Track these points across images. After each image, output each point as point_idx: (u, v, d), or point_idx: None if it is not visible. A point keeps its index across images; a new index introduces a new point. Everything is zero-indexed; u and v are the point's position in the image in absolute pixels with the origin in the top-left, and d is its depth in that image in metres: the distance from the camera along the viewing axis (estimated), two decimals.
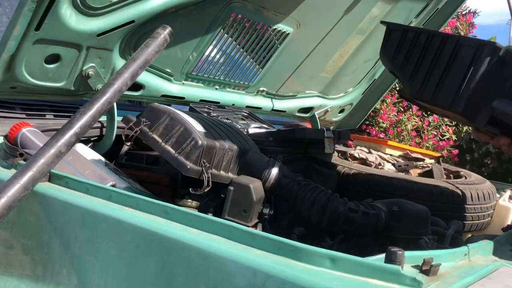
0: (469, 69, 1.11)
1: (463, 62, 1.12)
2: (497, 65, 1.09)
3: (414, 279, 0.68)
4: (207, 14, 1.63)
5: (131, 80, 1.25)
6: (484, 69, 1.09)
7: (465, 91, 1.11)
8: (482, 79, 1.09)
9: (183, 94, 1.87)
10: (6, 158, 1.23)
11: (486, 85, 1.09)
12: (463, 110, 1.11)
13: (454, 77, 1.13)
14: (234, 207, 1.20)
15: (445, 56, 1.16)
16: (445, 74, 1.16)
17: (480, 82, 1.09)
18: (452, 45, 1.15)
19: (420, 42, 1.23)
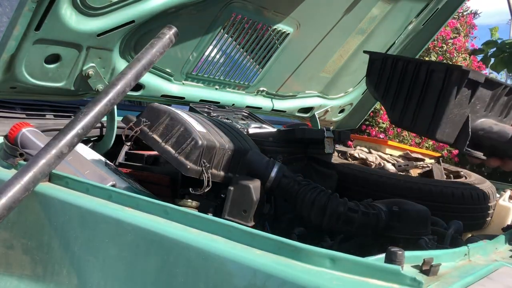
0: (440, 95, 1.11)
1: (435, 87, 1.12)
2: (469, 88, 1.09)
3: (414, 279, 0.68)
4: (207, 14, 1.63)
5: (135, 81, 1.25)
6: (456, 93, 1.08)
7: (439, 117, 1.10)
8: (457, 103, 1.09)
9: (183, 94, 1.87)
10: (6, 158, 1.23)
11: (461, 109, 1.09)
12: (440, 136, 1.11)
13: (429, 104, 1.13)
14: (234, 207, 1.20)
15: (420, 82, 1.17)
16: (420, 101, 1.16)
17: (455, 107, 1.09)
18: (425, 71, 1.15)
19: (398, 69, 1.23)
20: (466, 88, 1.08)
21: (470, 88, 1.09)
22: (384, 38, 2.28)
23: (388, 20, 2.15)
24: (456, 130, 1.11)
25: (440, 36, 5.91)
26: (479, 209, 1.79)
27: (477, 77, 1.08)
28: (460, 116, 1.10)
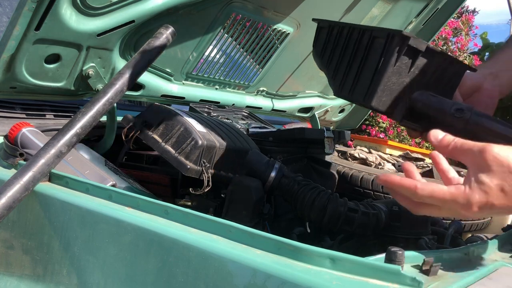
0: (379, 62, 1.05)
1: (375, 54, 1.06)
2: (409, 56, 1.04)
3: (414, 279, 0.68)
4: (207, 14, 1.63)
5: (133, 80, 1.25)
6: (395, 60, 1.03)
7: (377, 83, 1.04)
8: (395, 71, 1.03)
9: (183, 94, 1.87)
10: (6, 158, 1.23)
11: (400, 78, 1.04)
12: (376, 104, 1.05)
13: (368, 71, 1.07)
14: (234, 207, 1.20)
15: (361, 49, 1.11)
16: (360, 68, 1.10)
17: (393, 75, 1.03)
18: (368, 37, 1.09)
19: (342, 37, 1.17)
20: (406, 55, 1.03)
21: (410, 56, 1.03)
22: None
23: (388, 20, 2.14)
24: (394, 99, 1.05)
25: (440, 36, 5.91)
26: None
27: (418, 44, 1.02)
28: (398, 85, 1.05)
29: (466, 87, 1.09)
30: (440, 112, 1.01)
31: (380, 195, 1.75)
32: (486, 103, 1.08)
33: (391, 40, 1.04)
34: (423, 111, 1.04)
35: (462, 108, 0.98)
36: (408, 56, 1.03)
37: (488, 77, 1.10)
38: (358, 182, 1.79)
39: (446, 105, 1.01)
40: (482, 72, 1.11)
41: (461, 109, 0.98)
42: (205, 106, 1.96)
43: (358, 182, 1.79)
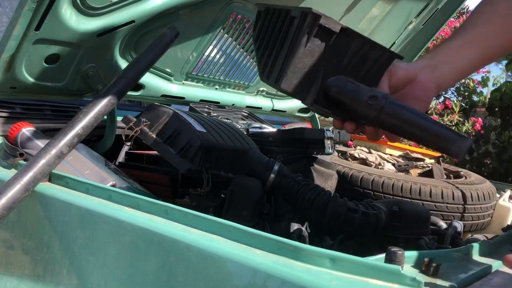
0: (292, 42, 0.98)
1: (291, 35, 1.00)
2: (323, 37, 0.97)
3: (414, 279, 0.68)
4: (207, 14, 1.63)
5: (135, 81, 1.25)
6: (306, 40, 0.96)
7: (287, 65, 0.97)
8: (308, 52, 0.97)
9: (183, 94, 1.87)
10: (6, 158, 1.23)
11: (313, 60, 0.97)
12: (286, 86, 0.98)
13: (283, 53, 1.01)
14: (234, 207, 1.20)
15: (282, 31, 1.04)
16: (278, 51, 1.04)
17: (305, 56, 0.97)
18: (287, 18, 1.03)
19: (273, 21, 1.10)
20: (319, 36, 0.96)
21: (324, 37, 0.97)
22: (384, 38, 2.28)
23: (388, 20, 2.14)
24: (306, 82, 0.98)
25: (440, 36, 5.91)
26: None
27: (330, 25, 0.96)
28: (311, 68, 0.98)
29: (397, 78, 1.03)
30: (354, 100, 0.95)
31: (380, 195, 1.75)
32: (418, 95, 1.01)
33: (303, 20, 0.98)
34: (338, 98, 0.98)
35: (376, 96, 0.92)
36: (321, 37, 0.97)
37: (426, 69, 1.03)
38: (358, 182, 1.79)
39: (361, 92, 0.95)
40: (420, 63, 1.05)
41: (375, 96, 0.92)
42: (205, 106, 1.96)
43: (358, 182, 1.79)
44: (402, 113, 0.90)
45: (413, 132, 0.89)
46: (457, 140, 0.84)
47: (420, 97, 1.01)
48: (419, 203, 1.71)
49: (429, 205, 1.71)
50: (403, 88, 1.03)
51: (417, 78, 1.02)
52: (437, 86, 1.03)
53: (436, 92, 1.04)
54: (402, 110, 0.91)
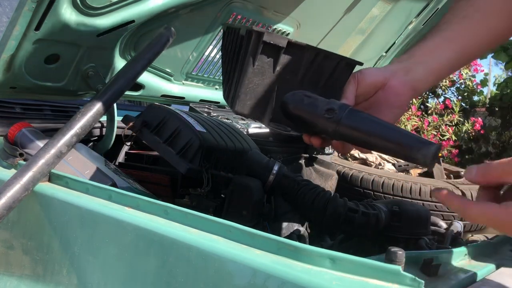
0: (243, 62, 0.95)
1: (240, 56, 0.97)
2: (270, 54, 0.93)
3: (414, 279, 0.67)
4: (207, 14, 1.63)
5: (133, 80, 1.25)
6: (253, 59, 0.93)
7: (239, 87, 0.95)
8: (257, 71, 0.93)
9: (183, 94, 1.88)
10: (6, 158, 1.23)
11: (264, 78, 0.95)
12: (240, 108, 0.95)
13: (237, 74, 0.98)
14: (234, 207, 1.20)
15: (235, 52, 1.01)
16: (233, 72, 1.01)
17: (255, 76, 0.94)
18: (239, 37, 1.00)
19: (229, 41, 1.07)
20: (266, 54, 0.93)
21: (271, 53, 0.93)
22: (384, 38, 2.28)
23: (388, 20, 2.14)
24: (260, 102, 0.95)
25: None
26: None
27: (275, 40, 0.92)
28: (263, 87, 0.95)
29: (366, 85, 0.97)
30: (311, 114, 0.91)
31: (380, 195, 1.75)
32: (391, 101, 0.96)
33: (248, 38, 0.94)
34: (296, 113, 0.94)
35: (333, 108, 0.88)
36: (269, 54, 0.94)
37: (398, 72, 0.97)
38: (358, 182, 1.79)
39: (318, 105, 0.90)
40: (391, 67, 0.99)
41: (331, 108, 0.88)
42: (205, 106, 1.96)
43: (358, 182, 1.79)
44: (361, 124, 0.86)
45: (374, 143, 0.85)
46: (421, 147, 0.79)
47: (393, 103, 0.96)
48: (419, 203, 1.71)
49: (429, 205, 1.71)
50: (374, 95, 0.98)
51: (389, 83, 0.96)
52: (412, 90, 0.97)
53: (412, 96, 0.98)
54: (361, 121, 0.86)
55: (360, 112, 0.89)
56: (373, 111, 0.96)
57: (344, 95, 0.96)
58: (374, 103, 0.97)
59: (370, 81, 0.97)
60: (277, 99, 0.96)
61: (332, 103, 0.89)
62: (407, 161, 0.85)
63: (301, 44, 0.95)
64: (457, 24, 0.98)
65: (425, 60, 0.98)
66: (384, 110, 0.95)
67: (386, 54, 2.36)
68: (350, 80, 0.97)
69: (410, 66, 0.98)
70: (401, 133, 0.84)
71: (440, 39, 0.98)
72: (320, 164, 1.67)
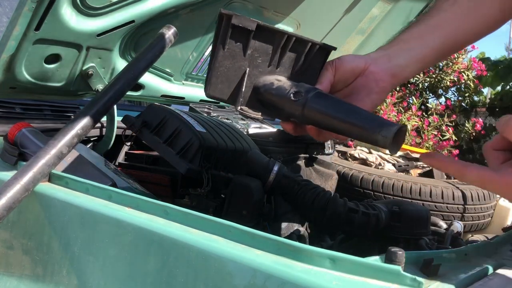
0: (215, 46, 0.95)
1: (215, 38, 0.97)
2: (240, 37, 0.93)
3: (414, 279, 0.67)
4: (207, 14, 1.63)
5: (134, 81, 1.25)
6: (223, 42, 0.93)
7: (210, 70, 0.95)
8: (228, 55, 0.94)
9: (183, 94, 1.87)
10: (6, 158, 1.23)
11: (236, 62, 0.94)
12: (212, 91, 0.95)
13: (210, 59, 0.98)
14: (234, 207, 1.20)
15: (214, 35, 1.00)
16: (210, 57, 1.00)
17: (225, 59, 0.94)
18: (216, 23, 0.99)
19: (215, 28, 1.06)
20: (235, 37, 0.93)
21: (240, 37, 0.93)
22: (384, 38, 2.28)
23: (388, 20, 2.14)
24: (232, 85, 0.95)
25: None
26: None
27: (244, 23, 0.92)
28: (235, 70, 0.95)
29: (344, 71, 0.96)
30: (280, 97, 0.91)
31: (380, 195, 1.75)
32: (370, 87, 0.95)
33: (219, 22, 0.95)
34: (266, 98, 0.95)
35: (299, 91, 0.89)
36: (238, 38, 0.93)
37: (380, 59, 0.96)
38: (358, 182, 1.79)
39: (286, 89, 0.91)
40: (373, 54, 0.98)
41: (298, 92, 0.89)
42: (205, 106, 1.96)
43: (358, 182, 1.79)
44: (326, 107, 0.86)
45: (338, 126, 0.85)
46: (382, 129, 0.79)
47: (372, 89, 0.95)
48: (419, 203, 1.71)
49: (429, 205, 1.71)
50: (354, 81, 0.97)
51: (369, 69, 0.95)
52: (393, 76, 0.96)
53: (392, 83, 0.97)
54: (326, 103, 0.86)
55: (327, 96, 0.89)
56: (352, 98, 0.96)
57: (319, 81, 0.96)
58: (354, 90, 0.96)
59: (349, 67, 0.96)
60: (250, 84, 0.97)
61: (299, 86, 0.90)
62: (372, 144, 0.85)
63: (271, 27, 0.94)
64: (445, 11, 0.97)
65: (409, 47, 0.97)
66: (363, 96, 0.94)
67: None
68: (327, 66, 0.97)
69: (393, 53, 0.97)
70: (364, 115, 0.84)
71: (425, 27, 0.97)
72: (320, 164, 1.67)
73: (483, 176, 0.73)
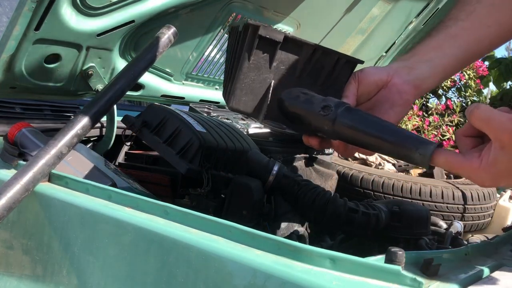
0: (239, 57, 0.94)
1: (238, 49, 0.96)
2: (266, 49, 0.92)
3: (414, 279, 0.67)
4: (207, 14, 1.63)
5: (134, 81, 1.25)
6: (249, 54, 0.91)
7: (235, 82, 0.94)
8: (253, 67, 0.92)
9: (183, 94, 1.87)
10: (6, 158, 1.23)
11: (261, 74, 0.93)
12: (235, 104, 0.94)
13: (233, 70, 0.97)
14: (234, 207, 1.20)
15: (234, 49, 0.99)
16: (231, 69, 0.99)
17: (250, 71, 0.92)
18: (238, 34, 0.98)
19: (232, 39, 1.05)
20: (262, 48, 0.91)
21: (267, 48, 0.92)
22: (384, 38, 2.28)
23: (388, 20, 2.14)
24: (256, 98, 0.93)
25: None
26: None
27: (271, 34, 0.90)
28: (260, 82, 0.93)
29: (367, 84, 0.95)
30: (307, 112, 0.89)
31: (380, 195, 1.75)
32: (394, 100, 0.93)
33: (244, 32, 0.93)
34: (292, 111, 0.93)
35: (329, 105, 0.86)
36: (265, 49, 0.92)
37: (401, 71, 0.95)
38: (358, 182, 1.79)
39: (313, 102, 0.88)
40: (394, 65, 0.97)
41: (328, 106, 0.86)
42: (205, 106, 1.96)
43: (358, 182, 1.79)
44: (358, 122, 0.84)
45: (372, 142, 0.83)
46: (419, 147, 0.77)
47: (396, 102, 0.94)
48: (419, 203, 1.71)
49: (429, 205, 1.71)
50: (377, 94, 0.96)
51: (392, 81, 0.94)
52: (415, 88, 0.95)
53: (415, 94, 0.96)
54: (358, 119, 0.84)
55: (357, 110, 0.87)
56: (376, 110, 0.94)
57: (344, 94, 0.94)
58: (377, 103, 0.95)
59: (372, 79, 0.95)
60: (274, 96, 0.95)
61: (328, 101, 0.88)
62: (406, 161, 0.84)
63: (299, 39, 0.94)
64: (463, 20, 0.96)
65: (429, 58, 0.96)
66: (387, 109, 0.93)
67: (386, 54, 2.36)
68: (351, 79, 0.95)
69: (413, 64, 0.96)
70: (400, 132, 0.82)
71: (445, 36, 0.96)
72: (320, 164, 1.67)
73: (451, 161, 0.77)
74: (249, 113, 0.97)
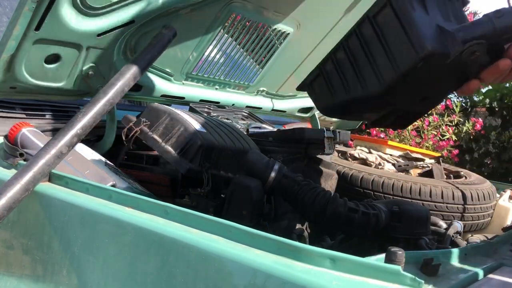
0: (381, 41, 1.00)
1: (390, 33, 1.00)
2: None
3: (414, 279, 0.68)
4: (207, 14, 1.63)
5: (134, 80, 1.25)
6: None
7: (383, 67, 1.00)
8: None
9: (183, 94, 1.87)
10: (6, 158, 1.23)
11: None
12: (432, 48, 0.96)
13: (378, 56, 1.02)
14: (234, 207, 1.20)
15: (362, 42, 1.05)
16: (369, 59, 1.05)
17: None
18: (370, 26, 1.04)
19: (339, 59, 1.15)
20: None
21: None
22: None
23: None
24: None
25: None
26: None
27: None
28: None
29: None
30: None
31: (380, 195, 1.75)
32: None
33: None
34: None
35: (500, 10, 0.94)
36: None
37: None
38: (358, 182, 1.79)
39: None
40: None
41: (498, 10, 0.94)
42: (205, 106, 1.96)
43: (358, 182, 1.79)
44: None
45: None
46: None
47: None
48: (419, 203, 1.71)
49: (429, 205, 1.71)
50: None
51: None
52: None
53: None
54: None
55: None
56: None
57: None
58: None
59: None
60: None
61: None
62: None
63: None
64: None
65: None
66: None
67: None
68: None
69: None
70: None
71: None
72: (320, 164, 1.67)
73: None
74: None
